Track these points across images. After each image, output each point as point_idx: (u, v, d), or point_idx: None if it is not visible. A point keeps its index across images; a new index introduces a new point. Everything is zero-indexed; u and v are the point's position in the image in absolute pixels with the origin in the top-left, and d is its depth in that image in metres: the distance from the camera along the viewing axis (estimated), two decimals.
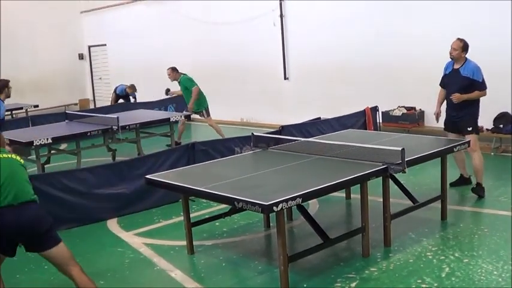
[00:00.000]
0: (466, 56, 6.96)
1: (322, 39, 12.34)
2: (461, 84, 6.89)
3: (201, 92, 11.33)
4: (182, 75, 11.40)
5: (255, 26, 13.75)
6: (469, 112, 6.96)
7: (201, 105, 11.36)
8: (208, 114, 11.42)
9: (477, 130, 7.09)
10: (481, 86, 6.88)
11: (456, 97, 6.84)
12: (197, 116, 12.87)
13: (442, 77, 7.26)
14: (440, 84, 7.32)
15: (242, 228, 6.45)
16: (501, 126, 9.32)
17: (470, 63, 6.94)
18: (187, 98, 11.34)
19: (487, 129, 9.57)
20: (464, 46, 6.90)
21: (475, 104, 7.01)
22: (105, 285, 5.10)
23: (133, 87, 15.21)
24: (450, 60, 7.10)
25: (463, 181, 7.48)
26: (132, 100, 15.42)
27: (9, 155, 4.36)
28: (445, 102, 7.26)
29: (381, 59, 11.21)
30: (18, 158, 4.38)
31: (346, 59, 11.93)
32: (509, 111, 9.31)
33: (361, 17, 11.52)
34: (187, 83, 11.28)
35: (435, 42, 9.76)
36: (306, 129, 9.46)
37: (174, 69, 11.50)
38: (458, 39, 6.96)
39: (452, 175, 7.33)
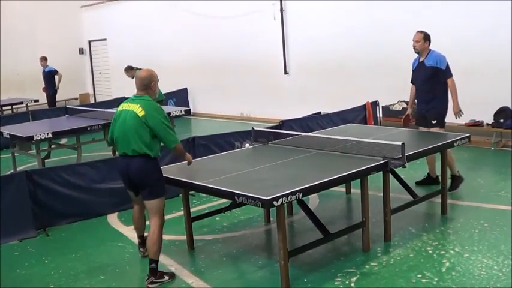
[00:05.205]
0: (430, 47, 6.96)
1: (323, 34, 12.32)
2: (426, 74, 6.90)
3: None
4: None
5: (255, 21, 13.73)
6: (436, 105, 6.92)
7: None
8: None
9: (442, 123, 7.02)
10: (445, 74, 6.83)
11: (459, 114, 6.90)
12: (198, 111, 12.78)
13: (412, 73, 7.23)
14: (411, 82, 7.30)
15: (242, 223, 6.45)
16: (501, 121, 9.30)
17: (433, 53, 6.93)
18: None
19: (487, 124, 9.56)
20: (425, 36, 6.89)
21: (443, 97, 6.94)
22: (105, 279, 5.11)
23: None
24: (417, 56, 7.07)
25: (430, 180, 7.29)
26: (56, 79, 15.12)
27: (130, 107, 4.94)
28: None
29: (381, 53, 11.19)
30: (136, 109, 4.89)
31: (346, 54, 11.91)
32: (510, 106, 9.29)
33: (362, 12, 11.50)
34: None
35: (436, 37, 9.72)
36: (306, 123, 9.47)
37: (127, 69, 11.07)
38: (419, 31, 6.95)
39: (422, 173, 7.46)
